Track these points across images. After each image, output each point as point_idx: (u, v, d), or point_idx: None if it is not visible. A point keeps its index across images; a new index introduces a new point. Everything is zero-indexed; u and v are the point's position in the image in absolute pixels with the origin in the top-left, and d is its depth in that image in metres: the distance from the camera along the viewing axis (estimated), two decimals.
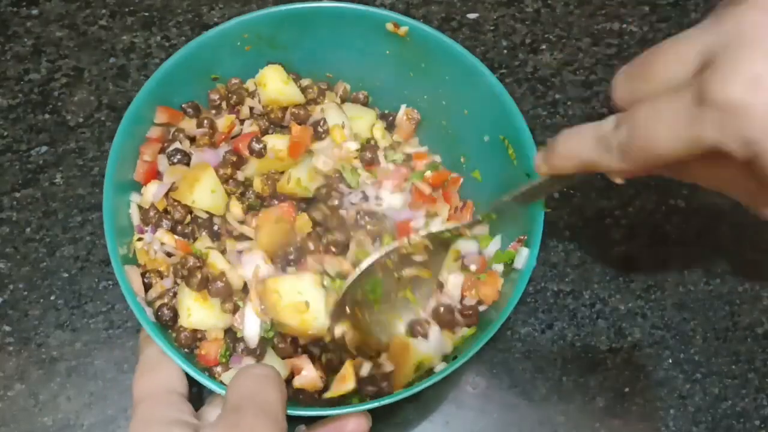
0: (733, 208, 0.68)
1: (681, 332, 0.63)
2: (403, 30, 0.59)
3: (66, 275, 0.64)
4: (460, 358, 0.49)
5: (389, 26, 0.59)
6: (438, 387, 0.59)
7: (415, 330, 0.53)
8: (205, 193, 0.56)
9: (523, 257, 0.52)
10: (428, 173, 0.62)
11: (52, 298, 0.63)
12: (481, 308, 0.55)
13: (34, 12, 0.77)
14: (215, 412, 0.48)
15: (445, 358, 0.53)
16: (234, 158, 0.58)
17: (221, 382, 0.50)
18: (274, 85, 0.61)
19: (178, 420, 0.43)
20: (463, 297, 0.56)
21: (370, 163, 0.60)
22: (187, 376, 0.48)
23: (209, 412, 0.49)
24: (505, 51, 0.76)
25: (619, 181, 0.43)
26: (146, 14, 0.77)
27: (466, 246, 0.57)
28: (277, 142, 0.58)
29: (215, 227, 0.57)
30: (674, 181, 0.69)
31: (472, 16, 0.78)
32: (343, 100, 0.65)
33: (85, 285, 0.63)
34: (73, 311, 0.62)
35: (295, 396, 0.52)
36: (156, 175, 0.58)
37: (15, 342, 0.61)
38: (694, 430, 0.60)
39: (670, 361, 0.62)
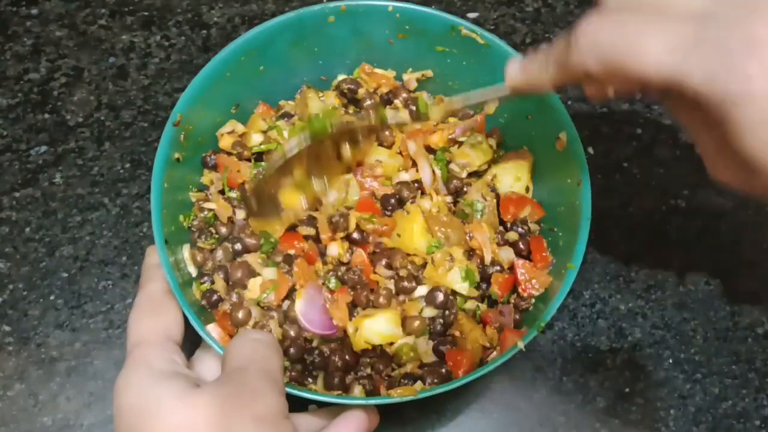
0: (733, 208, 0.68)
1: (681, 332, 0.63)
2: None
3: (65, 275, 0.64)
4: (492, 363, 0.48)
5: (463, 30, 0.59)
6: None
7: None
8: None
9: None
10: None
11: (52, 297, 0.63)
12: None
13: (34, 12, 0.77)
14: (205, 365, 0.48)
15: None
16: None
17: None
18: None
19: (175, 372, 0.42)
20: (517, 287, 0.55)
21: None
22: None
23: (198, 365, 0.48)
24: None
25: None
26: (146, 14, 0.77)
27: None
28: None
29: None
30: (674, 181, 0.70)
31: (472, 15, 0.78)
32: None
33: (85, 285, 0.63)
34: (73, 311, 0.62)
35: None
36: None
37: (15, 342, 0.61)
38: (694, 430, 0.59)
39: (671, 361, 0.62)
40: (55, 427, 0.58)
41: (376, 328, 0.52)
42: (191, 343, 0.49)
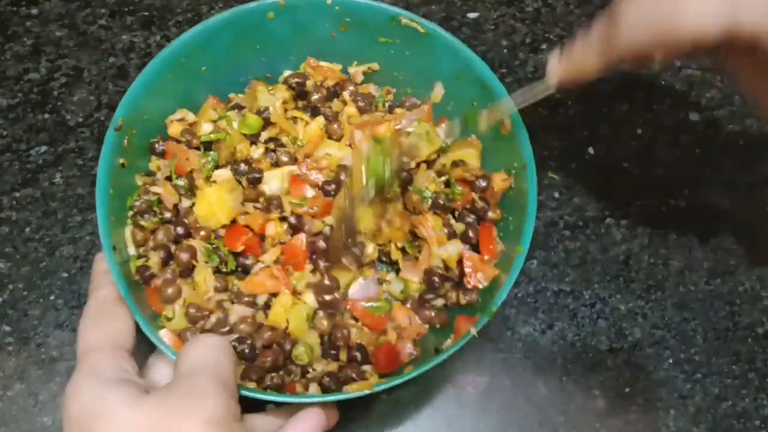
0: (733, 208, 0.68)
1: (681, 332, 0.63)
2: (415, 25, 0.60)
3: (65, 275, 0.64)
4: (445, 352, 0.49)
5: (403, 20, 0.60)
6: (438, 387, 0.60)
7: None
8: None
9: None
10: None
11: (52, 297, 0.63)
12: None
13: (34, 11, 0.77)
14: (158, 372, 0.48)
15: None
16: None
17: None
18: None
19: (125, 379, 0.43)
20: (463, 275, 0.56)
21: None
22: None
23: (152, 372, 0.48)
24: (506, 50, 0.76)
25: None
26: (146, 14, 0.77)
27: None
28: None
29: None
30: (674, 181, 0.70)
31: (472, 15, 0.78)
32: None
33: (85, 285, 0.63)
34: (73, 311, 0.62)
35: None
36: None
37: (15, 342, 0.61)
38: (694, 430, 0.59)
39: (671, 361, 0.62)
40: (55, 427, 0.58)
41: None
42: (146, 346, 0.49)
